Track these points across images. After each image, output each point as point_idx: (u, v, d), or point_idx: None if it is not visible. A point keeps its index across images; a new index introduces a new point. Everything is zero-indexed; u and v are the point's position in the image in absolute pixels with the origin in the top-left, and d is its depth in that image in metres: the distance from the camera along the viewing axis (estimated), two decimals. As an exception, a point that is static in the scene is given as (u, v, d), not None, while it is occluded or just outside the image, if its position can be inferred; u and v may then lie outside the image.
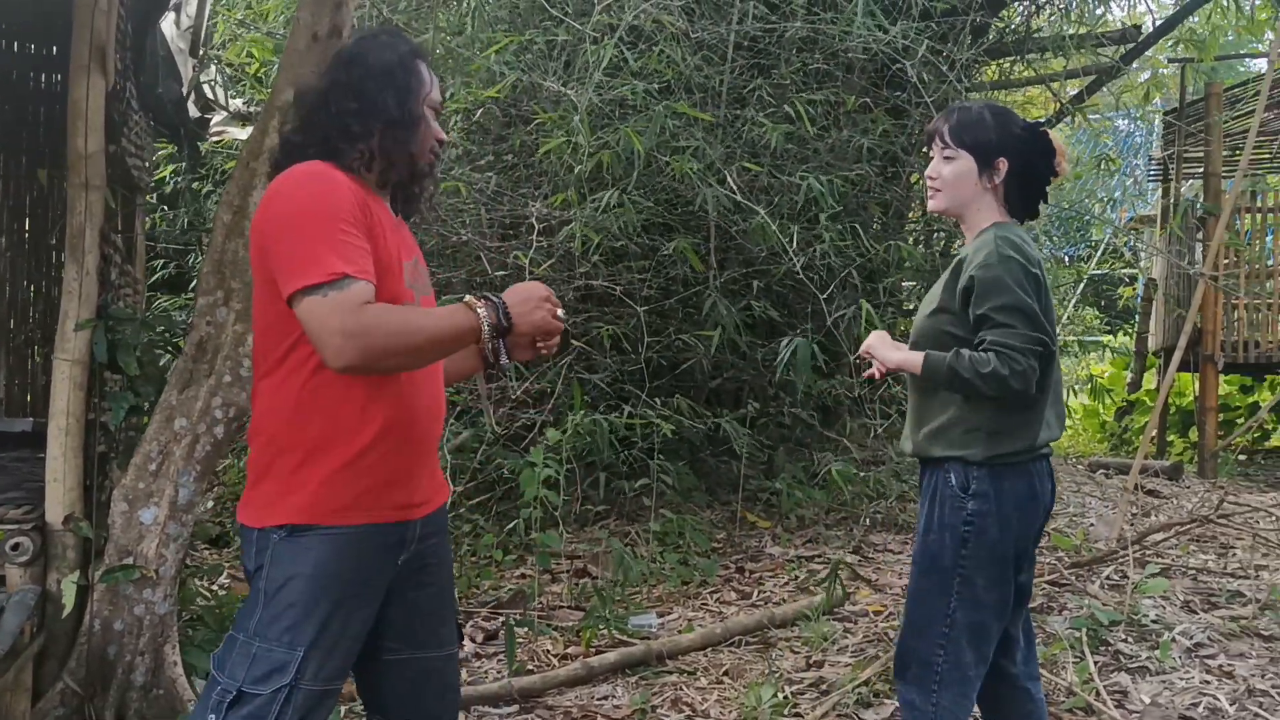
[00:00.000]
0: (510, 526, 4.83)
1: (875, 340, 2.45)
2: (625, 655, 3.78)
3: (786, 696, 3.42)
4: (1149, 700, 3.36)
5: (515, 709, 3.44)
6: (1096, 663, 3.60)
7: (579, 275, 5.24)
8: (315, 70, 2.85)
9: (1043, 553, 4.71)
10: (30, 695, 2.89)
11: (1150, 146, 12.75)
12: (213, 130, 6.62)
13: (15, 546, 2.90)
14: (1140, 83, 9.66)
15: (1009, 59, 8.04)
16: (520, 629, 3.91)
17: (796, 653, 3.88)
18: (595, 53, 4.78)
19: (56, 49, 4.26)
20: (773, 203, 5.30)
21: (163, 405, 3.06)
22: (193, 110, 6.14)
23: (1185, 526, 5.56)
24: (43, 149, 4.31)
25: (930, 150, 2.43)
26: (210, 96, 6.65)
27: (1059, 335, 2.49)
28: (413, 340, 1.72)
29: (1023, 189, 2.38)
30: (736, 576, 4.90)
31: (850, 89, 5.83)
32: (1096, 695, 3.35)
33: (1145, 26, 8.37)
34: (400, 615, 1.95)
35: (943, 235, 6.98)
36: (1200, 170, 9.58)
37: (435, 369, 1.98)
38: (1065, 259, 12.08)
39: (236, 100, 7.11)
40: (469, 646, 4.00)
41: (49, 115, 4.30)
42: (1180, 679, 3.51)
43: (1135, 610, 4.07)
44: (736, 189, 4.97)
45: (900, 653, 2.38)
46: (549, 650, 3.96)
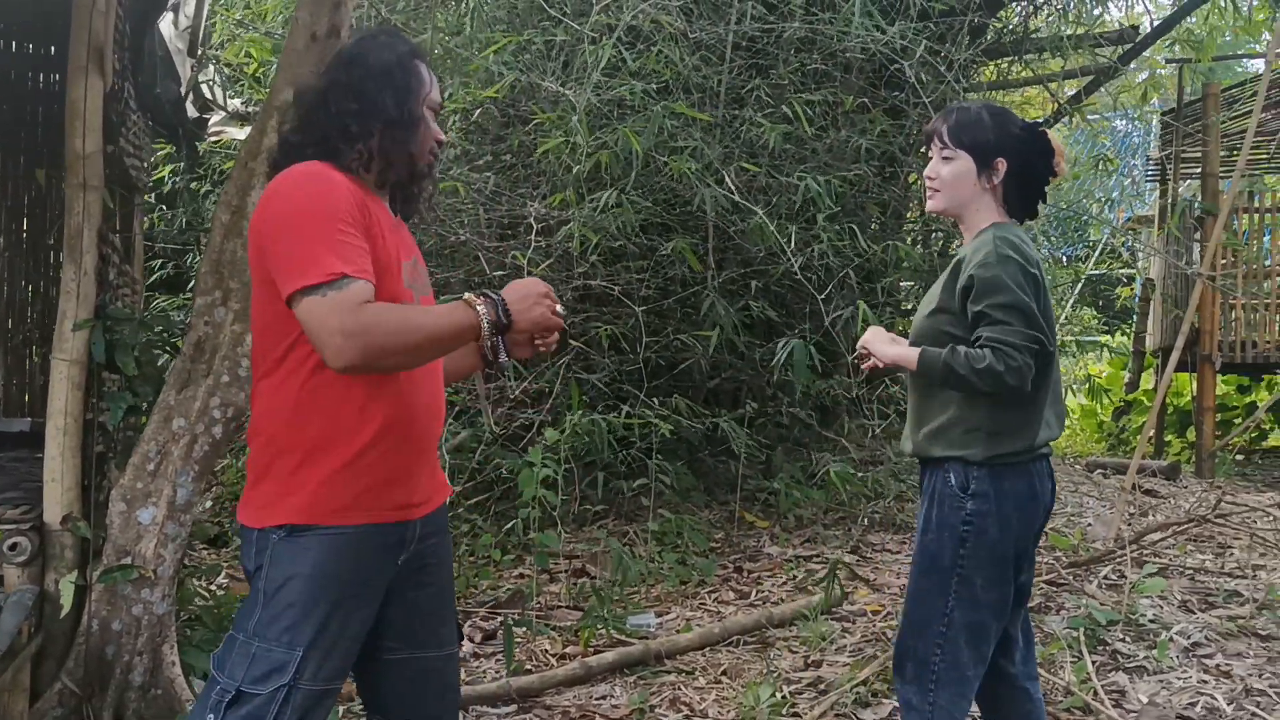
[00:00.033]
0: (508, 526, 4.83)
1: (872, 335, 2.46)
2: (623, 655, 3.78)
3: (785, 696, 3.43)
4: (1146, 700, 3.36)
5: (513, 709, 3.44)
6: (1094, 662, 3.61)
7: (577, 275, 5.24)
8: (314, 70, 2.85)
9: (1040, 552, 4.71)
10: (28, 695, 2.89)
11: (1148, 147, 12.77)
12: (211, 130, 6.61)
13: (13, 546, 2.90)
14: (1138, 83, 9.69)
15: (1007, 59, 8.04)
16: (518, 629, 3.91)
17: (794, 652, 3.88)
18: (593, 53, 4.78)
19: (55, 49, 4.25)
20: (771, 203, 5.30)
21: (161, 405, 3.06)
22: (191, 110, 6.13)
23: (1183, 526, 5.56)
24: (41, 149, 4.30)
25: (929, 151, 2.43)
26: (208, 96, 6.65)
27: (1057, 335, 2.49)
28: (412, 338, 1.72)
29: (1021, 189, 2.38)
30: (735, 576, 4.90)
31: (848, 89, 5.83)
32: (1094, 695, 3.35)
33: (1143, 27, 8.39)
34: (400, 615, 1.95)
35: (941, 235, 6.98)
36: (1198, 170, 9.60)
37: (435, 368, 1.98)
38: (1063, 259, 12.08)
39: (235, 100, 7.10)
40: (467, 646, 4.00)
41: (47, 115, 4.29)
42: (1178, 678, 3.52)
43: (1133, 610, 4.08)
44: (735, 189, 4.97)
45: (898, 652, 2.38)
46: (547, 650, 3.96)
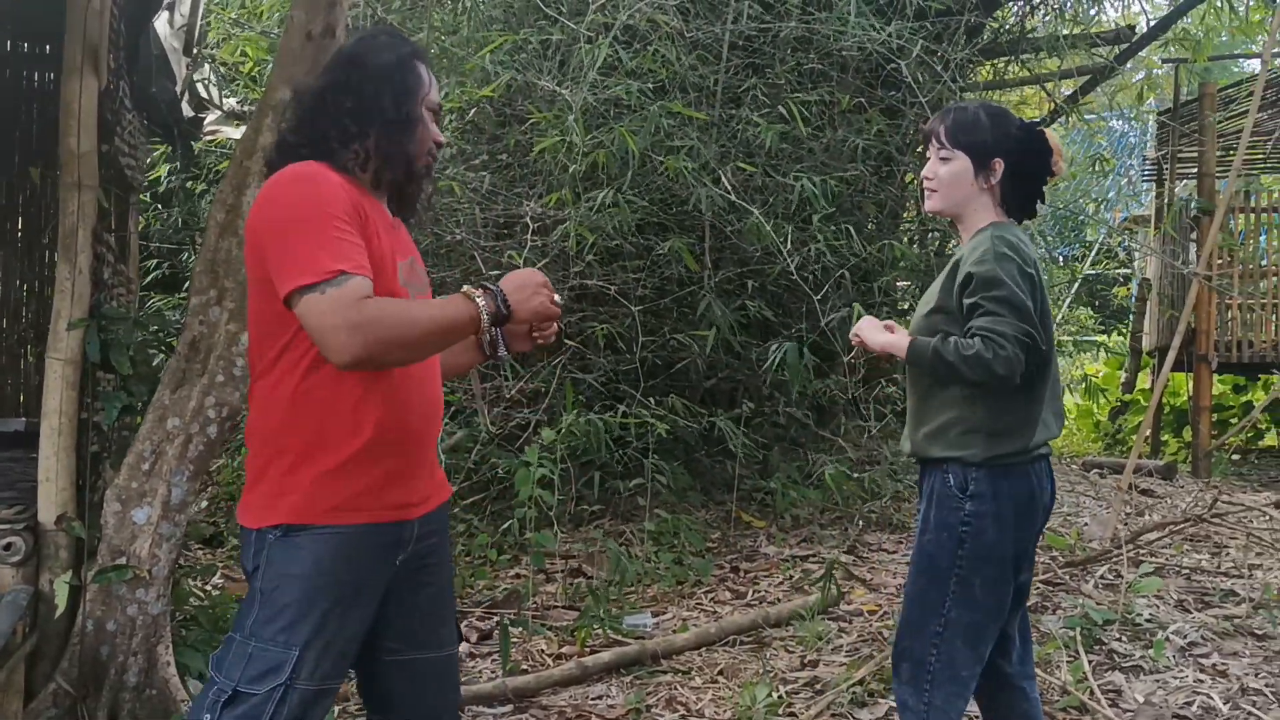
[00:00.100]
0: (505, 526, 4.82)
1: (864, 323, 2.47)
2: (620, 655, 3.78)
3: (781, 696, 3.42)
4: (1143, 699, 3.36)
5: (510, 709, 3.44)
6: (1091, 662, 3.61)
7: (573, 275, 5.24)
8: (309, 69, 2.86)
9: (1037, 552, 4.71)
10: (23, 696, 2.88)
11: (1144, 147, 12.79)
12: (207, 129, 6.59)
13: (8, 546, 2.89)
14: (1134, 83, 9.70)
15: (1004, 59, 8.05)
16: (515, 629, 3.91)
17: (791, 652, 3.88)
18: (590, 52, 4.78)
19: (49, 48, 4.24)
20: (767, 202, 5.30)
21: (156, 405, 3.05)
22: (187, 109, 6.10)
23: (1179, 526, 5.57)
24: (35, 148, 4.29)
25: (926, 151, 2.43)
26: (204, 95, 6.62)
27: (1055, 335, 2.49)
28: (414, 331, 1.71)
29: (1019, 189, 2.38)
30: (731, 576, 4.90)
31: (845, 89, 5.83)
32: (1091, 694, 3.35)
33: (1139, 27, 8.40)
34: (400, 615, 1.94)
35: (937, 235, 6.98)
36: (1194, 170, 9.61)
37: (432, 367, 1.98)
38: (1060, 259, 12.10)
39: (231, 99, 7.08)
40: (463, 646, 4.00)
41: (42, 114, 4.28)
42: (1174, 678, 3.52)
43: (1129, 609, 4.08)
44: (731, 189, 4.97)
45: (896, 652, 2.38)
46: (543, 650, 3.96)
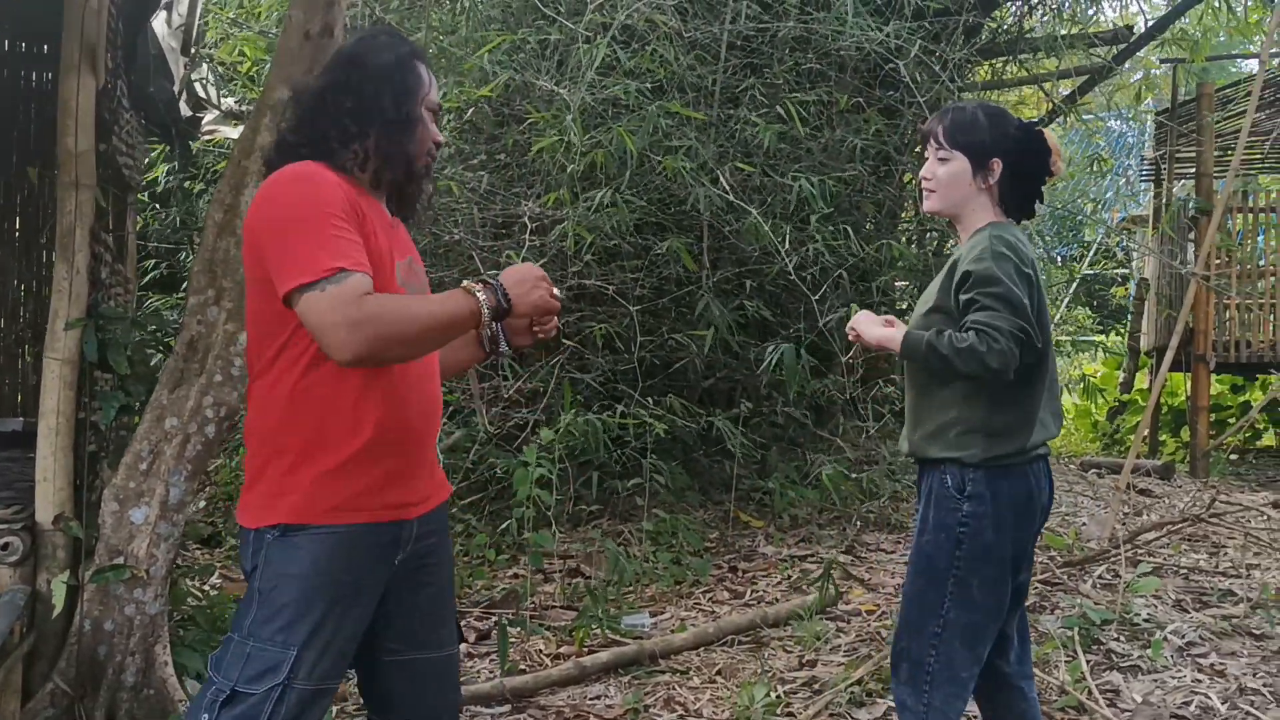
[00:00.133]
0: (503, 526, 4.82)
1: (861, 318, 2.47)
2: (618, 655, 3.77)
3: (779, 696, 3.42)
4: (1141, 699, 3.36)
5: (508, 709, 3.44)
6: (1088, 662, 3.61)
7: (572, 274, 5.24)
8: (307, 69, 2.86)
9: (1035, 552, 4.71)
10: (20, 696, 2.88)
11: (1142, 147, 12.82)
12: (204, 129, 6.58)
13: (5, 546, 2.89)
14: (1132, 83, 9.71)
15: (1002, 59, 8.05)
16: (513, 629, 3.90)
17: (789, 652, 3.88)
18: (588, 52, 4.78)
19: (47, 47, 4.23)
20: (765, 202, 5.30)
21: (153, 404, 3.05)
22: (184, 109, 6.10)
23: (1177, 526, 5.57)
24: (33, 147, 4.28)
25: (924, 151, 2.43)
26: (202, 95, 6.62)
27: (1052, 335, 2.49)
28: (415, 326, 1.72)
29: (1018, 189, 2.38)
30: (729, 576, 4.90)
31: (843, 89, 5.83)
32: (1089, 694, 3.35)
33: (1137, 27, 8.40)
34: (399, 615, 1.94)
35: (935, 235, 6.99)
36: (1192, 170, 9.61)
37: (430, 366, 1.97)
38: (1058, 259, 12.11)
39: (229, 99, 7.07)
40: (462, 646, 3.99)
41: (39, 113, 4.27)
42: (1172, 678, 3.52)
43: (1127, 609, 4.08)
44: (729, 189, 4.97)
45: (894, 652, 2.38)
46: (541, 650, 3.95)
